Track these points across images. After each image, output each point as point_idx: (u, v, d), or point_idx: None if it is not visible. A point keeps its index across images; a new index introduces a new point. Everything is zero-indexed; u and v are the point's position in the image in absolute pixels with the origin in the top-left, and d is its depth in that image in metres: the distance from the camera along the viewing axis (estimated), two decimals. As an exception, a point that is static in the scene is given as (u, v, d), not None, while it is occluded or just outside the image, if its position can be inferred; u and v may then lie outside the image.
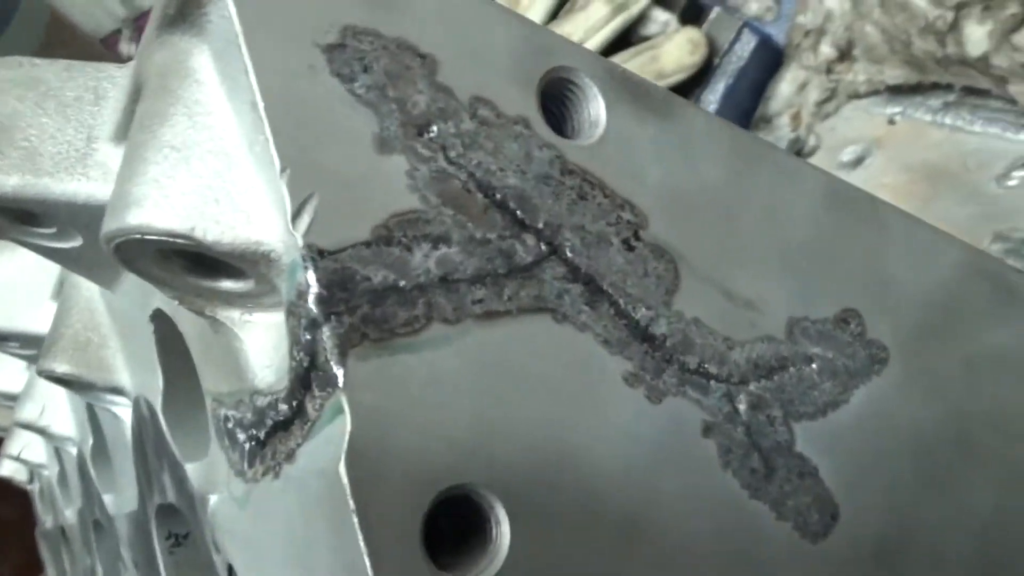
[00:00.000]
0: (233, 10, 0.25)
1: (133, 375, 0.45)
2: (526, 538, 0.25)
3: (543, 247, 0.28)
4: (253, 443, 0.31)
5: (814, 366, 0.32)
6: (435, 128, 0.27)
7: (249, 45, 0.25)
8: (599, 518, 0.27)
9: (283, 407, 0.28)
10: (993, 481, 0.36)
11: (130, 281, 0.42)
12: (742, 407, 0.30)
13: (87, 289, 0.47)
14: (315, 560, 0.26)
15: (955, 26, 0.78)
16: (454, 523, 0.26)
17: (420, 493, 0.24)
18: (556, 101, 0.30)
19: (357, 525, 0.23)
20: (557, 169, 0.29)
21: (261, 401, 0.30)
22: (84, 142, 0.35)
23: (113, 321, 0.46)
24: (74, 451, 0.65)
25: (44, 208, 0.36)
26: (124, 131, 0.33)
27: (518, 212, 0.28)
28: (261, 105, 0.25)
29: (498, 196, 0.27)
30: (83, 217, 0.36)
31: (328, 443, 0.25)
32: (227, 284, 0.29)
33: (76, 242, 0.38)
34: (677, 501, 0.28)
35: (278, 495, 0.28)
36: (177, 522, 0.44)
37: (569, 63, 0.30)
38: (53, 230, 0.38)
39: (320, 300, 0.24)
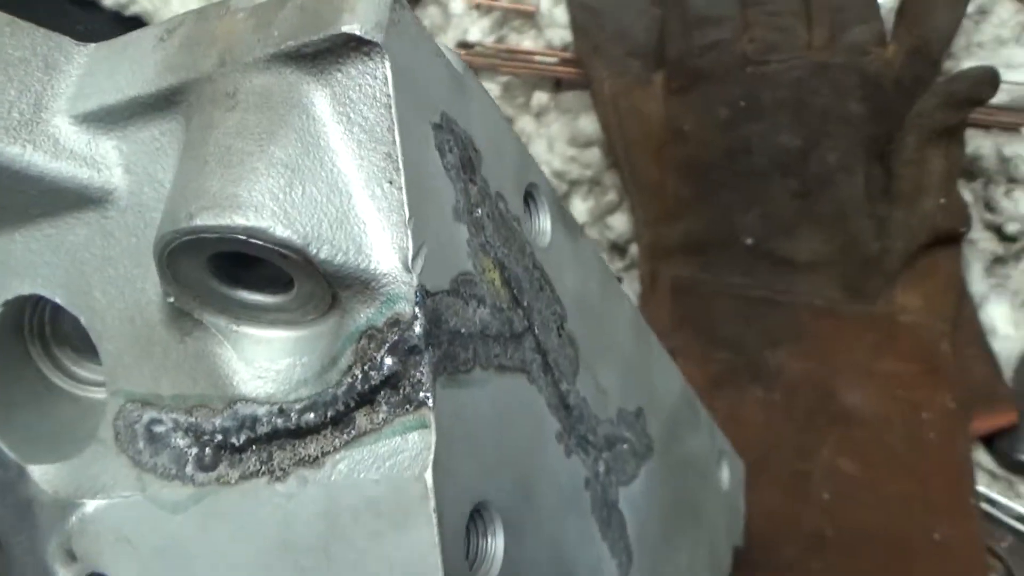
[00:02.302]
0: (390, 77, 0.29)
1: None
2: (513, 546, 0.32)
3: (526, 322, 0.35)
4: (215, 449, 0.32)
5: (625, 446, 0.43)
6: (479, 211, 0.33)
7: (398, 108, 0.29)
8: (540, 537, 0.34)
9: (307, 416, 0.30)
10: (690, 548, 0.50)
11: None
12: (601, 470, 0.39)
13: None
14: (340, 557, 0.29)
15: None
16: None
17: (464, 504, 0.30)
18: (523, 209, 0.38)
19: (436, 525, 0.28)
20: (531, 262, 0.36)
21: (248, 408, 0.32)
22: (30, 108, 0.33)
23: None
24: None
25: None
26: (115, 117, 0.33)
27: (515, 291, 0.35)
28: (401, 160, 0.29)
29: (507, 275, 0.34)
30: (3, 183, 0.33)
31: (396, 453, 0.29)
32: (243, 294, 0.31)
33: None
34: (575, 535, 0.36)
35: (277, 499, 0.30)
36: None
37: (536, 180, 0.38)
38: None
39: (425, 332, 0.29)
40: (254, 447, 0.31)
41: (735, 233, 0.88)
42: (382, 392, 0.29)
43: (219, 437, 0.32)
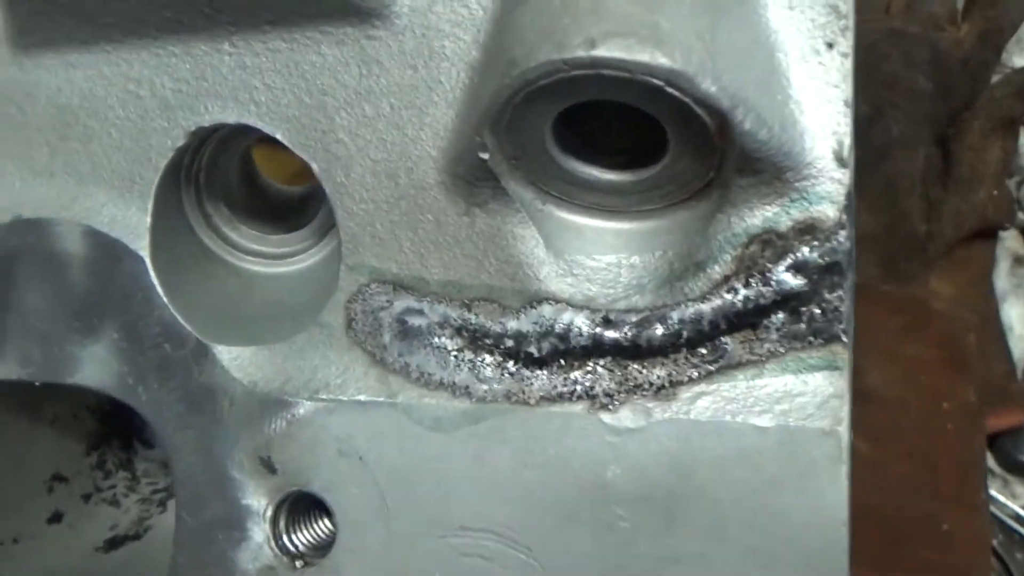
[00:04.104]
0: None
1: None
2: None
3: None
4: (502, 356, 0.25)
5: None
6: (849, 106, 0.27)
7: None
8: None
9: (650, 332, 0.24)
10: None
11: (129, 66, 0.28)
12: None
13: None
14: (687, 516, 0.23)
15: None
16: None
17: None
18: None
19: (847, 491, 0.22)
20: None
21: (559, 312, 0.24)
22: None
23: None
24: None
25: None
26: None
27: (851, 213, 0.28)
28: (851, 17, 0.22)
29: (848, 192, 0.28)
30: None
31: (788, 396, 0.22)
32: (577, 165, 0.24)
33: None
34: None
35: (600, 431, 0.23)
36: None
37: None
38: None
39: (849, 251, 0.22)
40: (563, 361, 0.24)
41: (785, 193, 0.84)
42: (773, 316, 0.23)
43: (510, 343, 0.25)
